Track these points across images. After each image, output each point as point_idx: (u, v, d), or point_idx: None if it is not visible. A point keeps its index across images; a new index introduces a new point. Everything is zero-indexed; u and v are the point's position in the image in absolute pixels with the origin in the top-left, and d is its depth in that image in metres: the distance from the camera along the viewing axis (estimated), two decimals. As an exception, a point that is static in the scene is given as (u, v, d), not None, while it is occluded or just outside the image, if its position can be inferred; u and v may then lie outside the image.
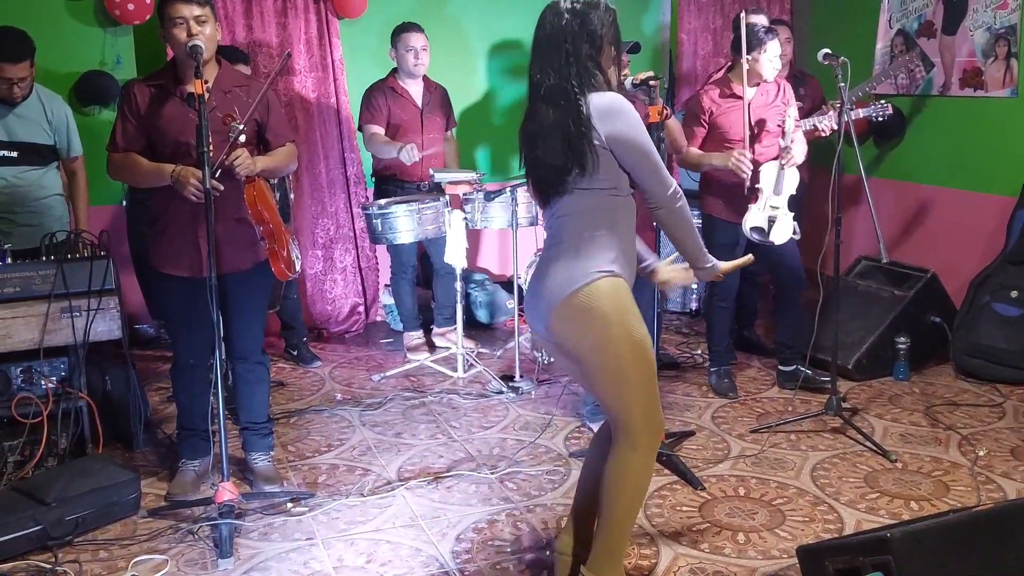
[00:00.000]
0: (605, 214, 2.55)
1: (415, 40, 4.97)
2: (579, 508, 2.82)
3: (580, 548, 2.78)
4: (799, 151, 4.19)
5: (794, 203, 4.32)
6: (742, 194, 4.22)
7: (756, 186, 4.19)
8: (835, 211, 3.93)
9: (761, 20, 4.69)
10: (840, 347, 4.24)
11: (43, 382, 3.57)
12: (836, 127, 4.26)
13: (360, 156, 5.67)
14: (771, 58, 4.16)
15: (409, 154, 4.76)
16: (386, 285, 5.83)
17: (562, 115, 2.49)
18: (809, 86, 5.20)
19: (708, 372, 4.70)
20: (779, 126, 4.21)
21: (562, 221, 2.58)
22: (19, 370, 3.56)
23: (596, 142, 2.47)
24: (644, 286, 3.77)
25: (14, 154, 3.97)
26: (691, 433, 4.04)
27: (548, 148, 2.52)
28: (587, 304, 2.48)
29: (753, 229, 4.21)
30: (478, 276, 6.00)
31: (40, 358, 3.51)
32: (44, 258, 3.58)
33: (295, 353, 5.19)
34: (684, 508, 3.36)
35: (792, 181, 4.21)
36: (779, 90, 4.32)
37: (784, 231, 4.24)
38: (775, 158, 4.20)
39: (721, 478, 3.61)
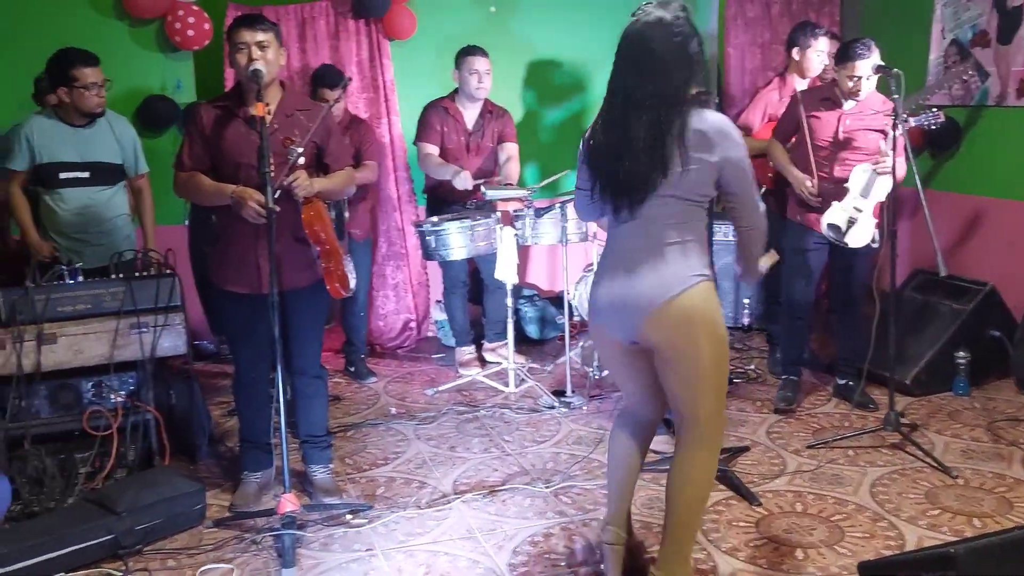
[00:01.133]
0: (694, 222, 2.65)
1: (479, 64, 5.04)
2: (619, 494, 2.94)
3: (625, 533, 2.95)
4: (897, 164, 4.10)
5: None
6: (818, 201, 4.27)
7: (844, 185, 4.19)
8: (891, 224, 3.91)
9: (823, 43, 4.83)
10: (898, 362, 4.21)
11: (113, 396, 3.68)
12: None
13: (411, 175, 5.76)
14: (818, 52, 4.26)
15: (463, 181, 4.84)
16: (437, 301, 5.90)
17: (662, 126, 2.55)
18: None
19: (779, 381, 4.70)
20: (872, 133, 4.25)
21: (646, 229, 2.64)
22: (90, 384, 3.67)
23: (697, 156, 2.55)
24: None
25: (86, 174, 4.12)
26: (746, 448, 4.03)
27: (641, 158, 2.57)
28: (689, 307, 2.59)
29: (830, 226, 4.19)
30: (528, 292, 6.05)
31: (110, 373, 3.62)
32: (113, 276, 3.70)
33: (352, 369, 5.27)
34: (741, 524, 3.36)
35: (883, 188, 4.16)
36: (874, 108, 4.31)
37: (862, 236, 4.20)
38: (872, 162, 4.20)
39: (778, 493, 3.60)
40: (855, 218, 4.19)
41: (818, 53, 4.88)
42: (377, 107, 5.63)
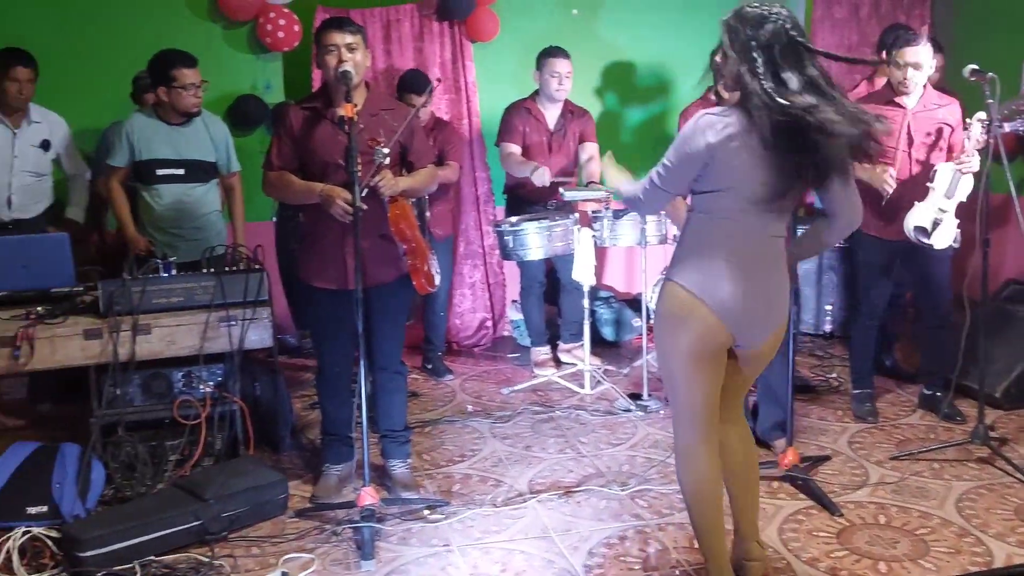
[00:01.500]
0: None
1: (560, 66, 5.06)
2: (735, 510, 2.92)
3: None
4: (976, 161, 4.06)
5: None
6: (886, 207, 4.16)
7: (928, 184, 4.10)
8: (983, 232, 3.81)
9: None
10: (987, 374, 4.10)
11: (202, 386, 3.79)
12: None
13: (490, 175, 5.81)
14: (898, 63, 4.11)
15: (541, 177, 4.86)
16: (513, 301, 5.94)
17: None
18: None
19: (851, 394, 4.61)
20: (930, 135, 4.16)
21: (767, 236, 2.64)
22: (180, 374, 3.79)
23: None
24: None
25: (181, 171, 4.27)
26: (827, 458, 3.97)
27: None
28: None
29: (917, 228, 4.11)
30: (604, 293, 6.04)
31: (200, 364, 3.73)
32: (205, 271, 3.82)
33: (430, 367, 5.34)
34: (821, 534, 3.31)
35: (966, 187, 4.09)
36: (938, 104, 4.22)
37: (946, 236, 4.12)
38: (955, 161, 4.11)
39: (860, 505, 3.54)
40: (940, 219, 4.09)
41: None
42: (459, 108, 5.69)
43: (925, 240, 4.10)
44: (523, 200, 5.22)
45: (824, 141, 2.42)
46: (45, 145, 4.45)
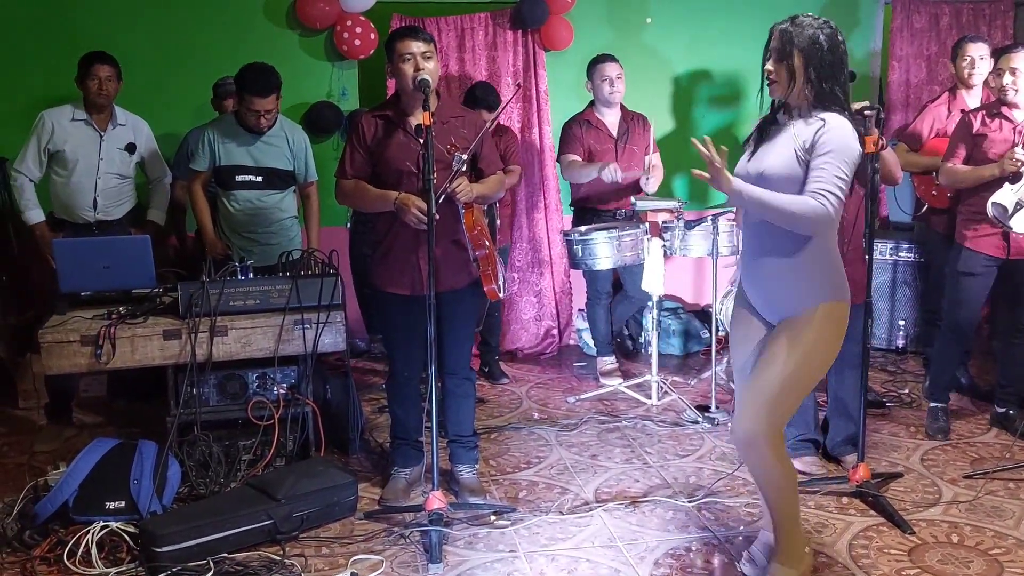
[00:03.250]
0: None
1: (609, 70, 5.07)
2: None
3: None
4: None
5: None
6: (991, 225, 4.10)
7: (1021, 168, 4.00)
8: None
9: (979, 49, 4.56)
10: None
11: (275, 388, 3.87)
12: None
13: (559, 184, 5.83)
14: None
15: (612, 174, 4.82)
16: (580, 310, 5.94)
17: None
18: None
19: (926, 409, 4.52)
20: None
21: None
22: (255, 376, 3.87)
23: None
24: (854, 318, 3.70)
25: (259, 179, 4.37)
26: (899, 475, 3.89)
27: None
28: None
29: (995, 205, 3.99)
30: (671, 304, 6.01)
31: (274, 366, 3.81)
32: (281, 274, 3.90)
33: (487, 370, 5.37)
34: (892, 551, 3.26)
35: None
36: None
37: None
38: None
39: (932, 523, 3.47)
40: (1023, 202, 3.99)
41: (981, 59, 4.62)
42: (529, 116, 5.73)
43: (1003, 220, 3.98)
44: (592, 210, 5.22)
45: None
46: (131, 148, 4.59)
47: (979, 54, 4.41)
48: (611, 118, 5.18)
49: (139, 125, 4.66)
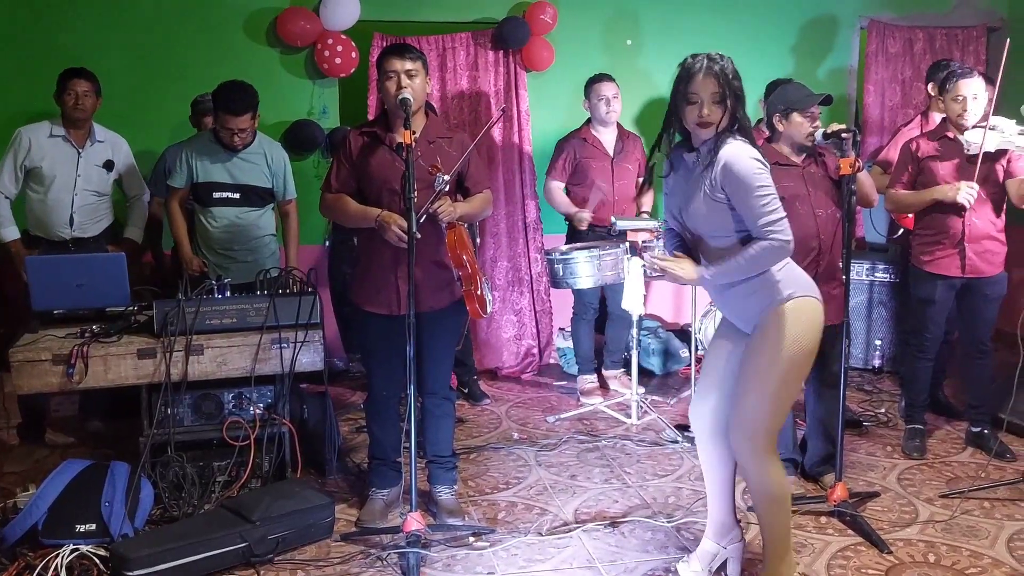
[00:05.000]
0: None
1: (606, 89, 5.11)
2: None
3: None
4: None
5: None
6: (948, 244, 4.15)
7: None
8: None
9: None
10: (1042, 413, 4.02)
11: (252, 408, 3.83)
12: None
13: (539, 203, 5.84)
14: (955, 96, 4.12)
15: (580, 222, 5.04)
16: (560, 329, 5.94)
17: None
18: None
19: (903, 430, 4.55)
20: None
21: None
22: (231, 395, 3.83)
23: None
24: (831, 338, 3.71)
25: (236, 195, 4.34)
26: (876, 494, 3.90)
27: None
28: None
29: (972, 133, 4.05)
30: (650, 323, 6.02)
31: (251, 385, 3.77)
32: (258, 292, 3.87)
33: (466, 391, 5.35)
34: (870, 571, 3.26)
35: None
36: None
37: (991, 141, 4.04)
38: None
39: (909, 542, 3.48)
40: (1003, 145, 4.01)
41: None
42: (510, 136, 5.74)
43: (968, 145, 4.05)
44: (587, 227, 5.23)
45: None
46: (108, 165, 4.55)
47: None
48: (607, 136, 5.22)
49: (118, 142, 4.63)
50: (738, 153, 2.76)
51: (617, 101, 5.14)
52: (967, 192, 4.01)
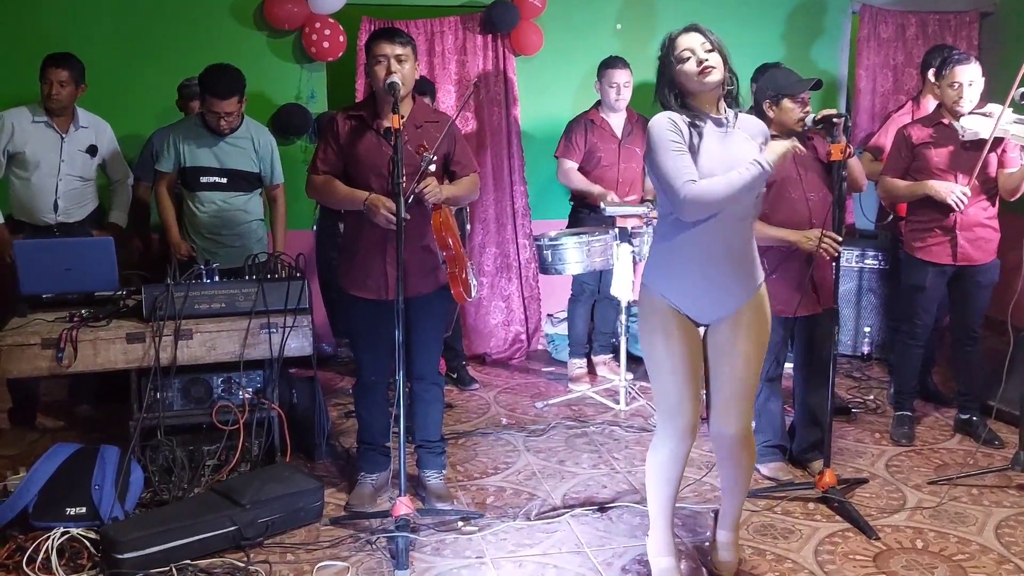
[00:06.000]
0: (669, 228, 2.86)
1: (618, 76, 5.07)
2: None
3: None
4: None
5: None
6: (941, 232, 4.17)
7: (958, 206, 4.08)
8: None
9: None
10: (1028, 400, 4.03)
11: (241, 392, 3.83)
12: None
13: (527, 189, 5.83)
14: (951, 83, 4.11)
15: (605, 201, 4.84)
16: (549, 315, 5.94)
17: None
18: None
19: (892, 417, 4.58)
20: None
21: None
22: (220, 380, 3.83)
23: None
24: (820, 324, 3.73)
25: (223, 180, 4.32)
26: (864, 480, 3.92)
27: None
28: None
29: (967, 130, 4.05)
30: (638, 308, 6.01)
31: (240, 370, 3.76)
32: (247, 277, 3.86)
33: (455, 376, 5.35)
34: (858, 557, 3.28)
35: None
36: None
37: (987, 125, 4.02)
38: None
39: (897, 528, 3.50)
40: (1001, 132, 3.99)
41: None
42: (499, 121, 5.71)
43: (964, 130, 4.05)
44: (585, 208, 5.21)
45: None
46: (92, 151, 4.52)
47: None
48: (616, 119, 5.19)
49: (101, 127, 4.60)
50: None
51: (628, 88, 5.11)
52: (959, 197, 4.03)
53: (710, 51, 2.79)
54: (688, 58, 2.79)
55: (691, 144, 2.76)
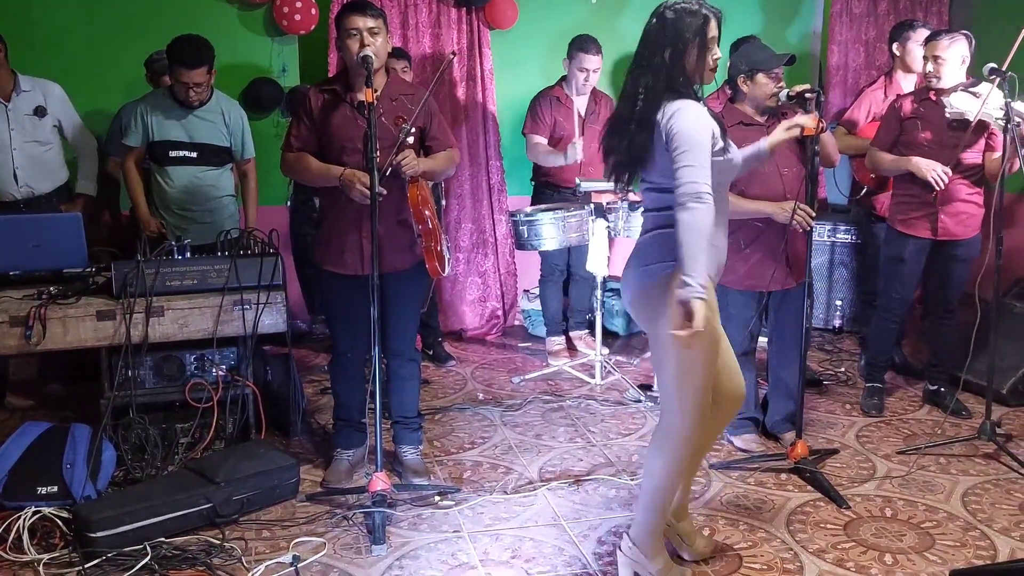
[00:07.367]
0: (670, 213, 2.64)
1: (589, 63, 5.02)
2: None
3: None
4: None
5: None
6: (924, 204, 4.20)
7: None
8: (996, 230, 3.80)
9: (922, 34, 4.62)
10: (996, 371, 4.09)
11: (214, 369, 3.80)
12: None
13: (503, 164, 5.80)
14: (919, 43, 4.20)
15: (574, 153, 4.83)
16: (525, 291, 5.94)
17: (628, 114, 2.69)
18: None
19: (863, 388, 4.63)
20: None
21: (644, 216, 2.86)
22: (193, 357, 3.79)
23: (658, 143, 2.63)
24: (793, 298, 3.76)
25: (194, 154, 4.27)
26: (835, 451, 3.98)
27: (617, 142, 2.77)
28: (656, 294, 2.71)
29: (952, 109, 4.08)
30: (614, 284, 6.03)
31: (213, 347, 3.72)
32: (219, 254, 3.82)
33: (431, 352, 5.34)
34: (828, 526, 3.32)
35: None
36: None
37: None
38: None
39: (867, 498, 3.55)
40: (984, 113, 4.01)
41: (920, 45, 4.68)
42: (474, 95, 5.68)
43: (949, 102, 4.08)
44: (549, 187, 5.21)
45: None
46: (40, 111, 4.39)
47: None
48: (580, 98, 5.16)
49: (48, 88, 4.45)
50: None
51: (596, 75, 5.09)
52: (939, 175, 4.06)
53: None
54: (713, 48, 2.70)
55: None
